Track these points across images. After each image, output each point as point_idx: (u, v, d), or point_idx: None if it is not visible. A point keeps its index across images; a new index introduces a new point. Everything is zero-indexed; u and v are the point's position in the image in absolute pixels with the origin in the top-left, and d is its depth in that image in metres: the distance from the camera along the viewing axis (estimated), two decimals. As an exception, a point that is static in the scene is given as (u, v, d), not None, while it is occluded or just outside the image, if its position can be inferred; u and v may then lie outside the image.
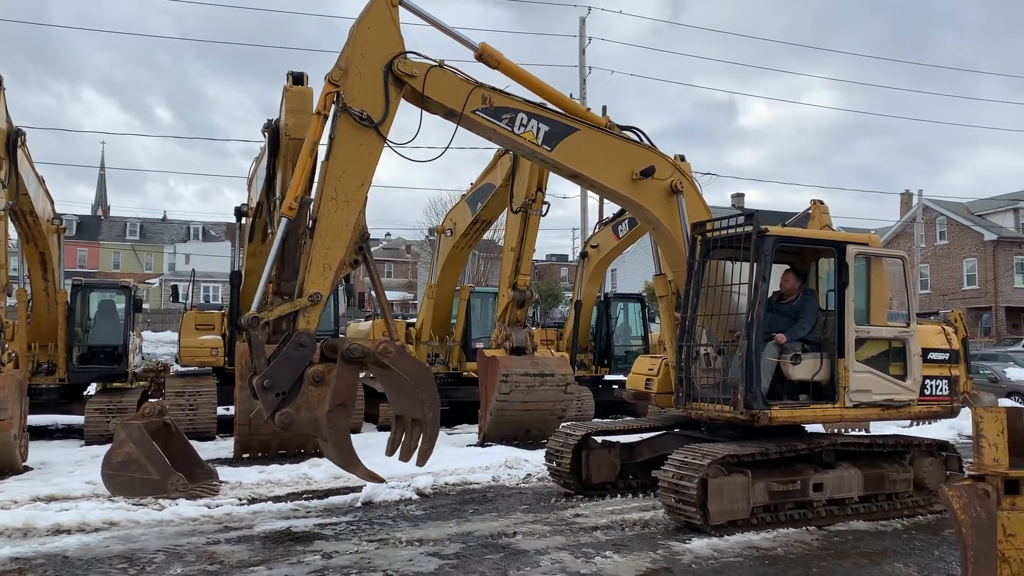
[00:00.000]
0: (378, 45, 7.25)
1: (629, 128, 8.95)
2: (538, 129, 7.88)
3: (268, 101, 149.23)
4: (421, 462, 7.04)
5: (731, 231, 8.14)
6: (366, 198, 7.27)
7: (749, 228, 7.82)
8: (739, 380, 7.67)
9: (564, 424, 10.00)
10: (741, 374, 7.66)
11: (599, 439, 9.39)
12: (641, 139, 8.80)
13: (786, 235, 8.26)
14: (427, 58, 7.50)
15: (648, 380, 9.56)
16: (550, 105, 8.30)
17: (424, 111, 7.68)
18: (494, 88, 7.76)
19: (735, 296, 8.14)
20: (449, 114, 7.64)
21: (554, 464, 9.28)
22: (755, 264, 7.71)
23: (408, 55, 7.37)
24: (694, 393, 8.27)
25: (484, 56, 8.00)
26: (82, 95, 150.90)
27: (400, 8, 7.44)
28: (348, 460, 6.85)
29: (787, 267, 8.63)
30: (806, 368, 8.05)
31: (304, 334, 6.72)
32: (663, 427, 9.48)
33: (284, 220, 7.17)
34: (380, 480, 7.50)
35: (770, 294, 8.27)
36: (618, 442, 9.46)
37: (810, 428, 8.79)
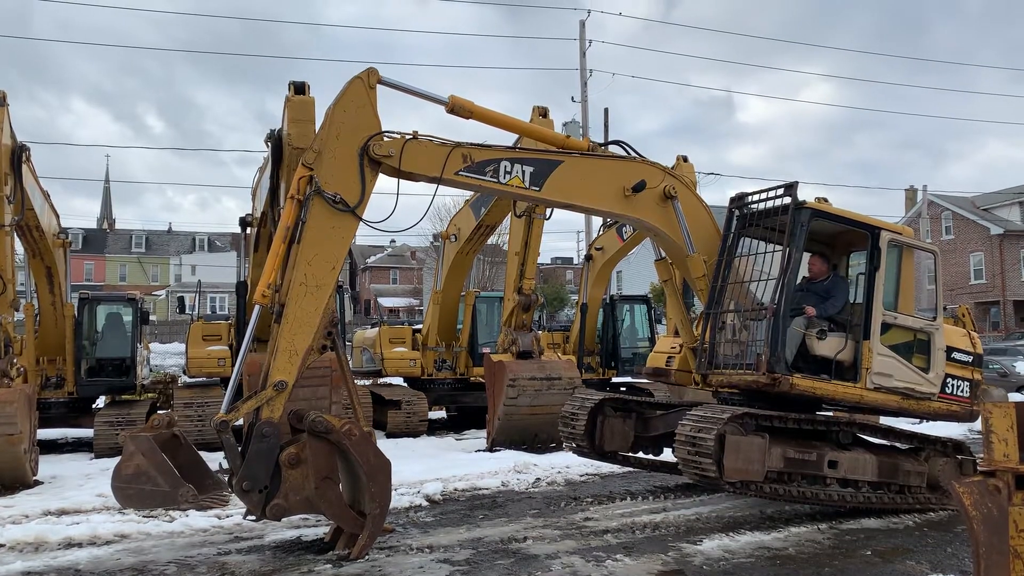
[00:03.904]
0: (354, 127, 7.04)
1: (613, 143, 8.95)
2: (523, 173, 7.77)
3: (259, 107, 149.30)
4: (356, 554, 6.67)
5: (769, 204, 8.22)
6: (337, 282, 7.08)
7: (787, 200, 7.95)
8: (764, 344, 7.74)
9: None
10: (766, 338, 7.73)
11: (615, 410, 9.48)
12: (627, 151, 8.79)
13: (823, 209, 8.32)
14: (401, 133, 7.26)
15: (669, 357, 9.62)
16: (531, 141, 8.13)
17: (405, 180, 7.49)
18: (472, 144, 7.59)
19: (764, 276, 8.22)
20: (432, 180, 7.46)
21: (568, 428, 9.36)
22: (791, 234, 7.81)
23: (384, 135, 7.15)
24: (716, 360, 8.32)
25: (456, 108, 7.88)
26: (72, 106, 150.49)
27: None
28: (352, 525, 6.84)
29: (813, 254, 8.74)
30: (830, 345, 8.12)
31: (265, 424, 6.58)
32: (679, 405, 9.53)
33: (257, 307, 7.02)
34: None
35: (799, 279, 8.39)
36: (634, 413, 9.57)
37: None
